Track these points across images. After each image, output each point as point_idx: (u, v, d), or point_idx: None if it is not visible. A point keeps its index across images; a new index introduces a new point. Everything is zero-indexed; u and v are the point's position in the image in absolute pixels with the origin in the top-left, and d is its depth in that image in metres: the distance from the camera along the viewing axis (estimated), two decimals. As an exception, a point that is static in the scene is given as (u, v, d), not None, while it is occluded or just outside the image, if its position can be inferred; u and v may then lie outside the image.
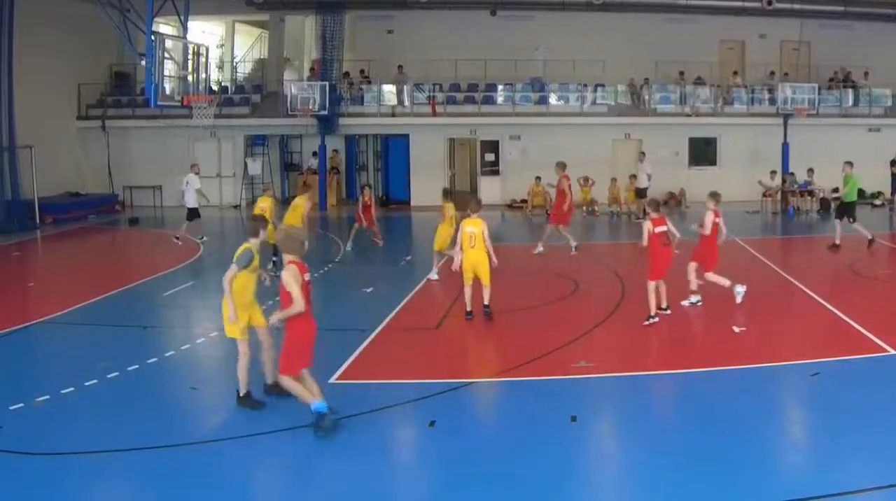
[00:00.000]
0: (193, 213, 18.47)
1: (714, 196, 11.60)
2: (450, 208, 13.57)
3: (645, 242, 10.48)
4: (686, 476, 6.07)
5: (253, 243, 7.85)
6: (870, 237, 16.37)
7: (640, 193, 22.20)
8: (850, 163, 16.87)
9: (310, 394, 6.97)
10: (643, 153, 23.89)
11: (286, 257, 7.17)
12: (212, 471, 6.38)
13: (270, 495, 5.94)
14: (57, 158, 24.35)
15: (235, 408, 7.78)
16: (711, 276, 11.32)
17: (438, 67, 26.30)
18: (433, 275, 13.78)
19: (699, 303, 11.36)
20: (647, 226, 10.54)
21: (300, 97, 24.81)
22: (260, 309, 7.95)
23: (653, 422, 7.17)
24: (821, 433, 6.99)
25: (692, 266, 11.37)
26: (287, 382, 7.03)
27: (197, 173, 18.93)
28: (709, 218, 11.23)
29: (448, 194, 14.58)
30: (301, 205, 15.25)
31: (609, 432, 7.33)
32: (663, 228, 10.60)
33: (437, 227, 13.75)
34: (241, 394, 7.68)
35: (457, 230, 11.63)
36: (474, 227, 10.71)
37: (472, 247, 10.66)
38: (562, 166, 16.46)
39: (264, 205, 14.70)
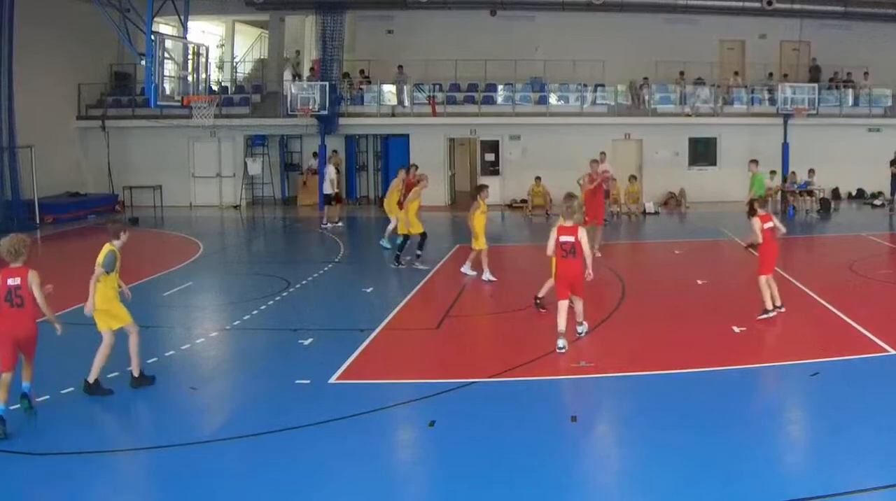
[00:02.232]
0: (329, 199, 21.97)
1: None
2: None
3: (760, 239, 10.64)
4: (686, 476, 6.07)
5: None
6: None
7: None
8: (755, 162, 16.99)
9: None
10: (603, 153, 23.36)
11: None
12: (212, 471, 6.38)
13: (270, 495, 5.93)
14: (57, 158, 24.34)
15: (235, 408, 7.79)
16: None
17: (438, 67, 26.31)
18: (488, 276, 13.35)
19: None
20: (757, 223, 10.68)
21: (300, 97, 24.83)
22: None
23: (653, 422, 7.16)
24: (821, 433, 6.99)
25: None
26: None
27: (335, 164, 22.80)
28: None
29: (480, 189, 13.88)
30: (416, 200, 14.97)
31: (609, 432, 7.34)
32: (770, 224, 10.75)
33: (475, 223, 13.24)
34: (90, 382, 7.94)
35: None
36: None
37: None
38: (598, 160, 16.14)
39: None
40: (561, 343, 9.07)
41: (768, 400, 7.80)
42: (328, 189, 21.99)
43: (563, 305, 9.14)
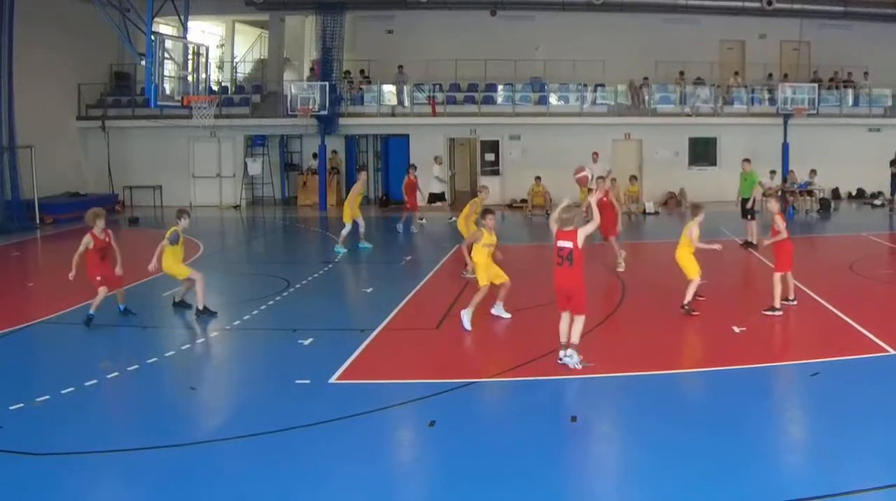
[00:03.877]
0: (434, 197, 23.26)
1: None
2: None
3: (785, 234, 10.80)
4: (686, 476, 6.06)
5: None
6: (751, 240, 16.39)
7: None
8: (747, 161, 17.01)
9: None
10: (596, 153, 23.37)
11: None
12: (212, 471, 6.38)
13: (270, 495, 5.93)
14: (57, 158, 24.35)
15: (235, 408, 7.79)
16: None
17: (438, 67, 26.32)
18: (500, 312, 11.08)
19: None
20: (780, 221, 10.86)
21: (300, 97, 24.84)
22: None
23: (653, 422, 7.16)
24: (821, 433, 6.98)
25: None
26: None
27: (439, 164, 24.19)
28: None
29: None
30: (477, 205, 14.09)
31: (609, 432, 7.33)
32: (784, 224, 10.93)
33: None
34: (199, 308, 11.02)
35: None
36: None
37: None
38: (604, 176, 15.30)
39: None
40: (561, 353, 8.65)
41: (768, 400, 7.79)
42: (436, 187, 22.89)
43: (563, 316, 8.61)
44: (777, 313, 10.64)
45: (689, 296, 10.93)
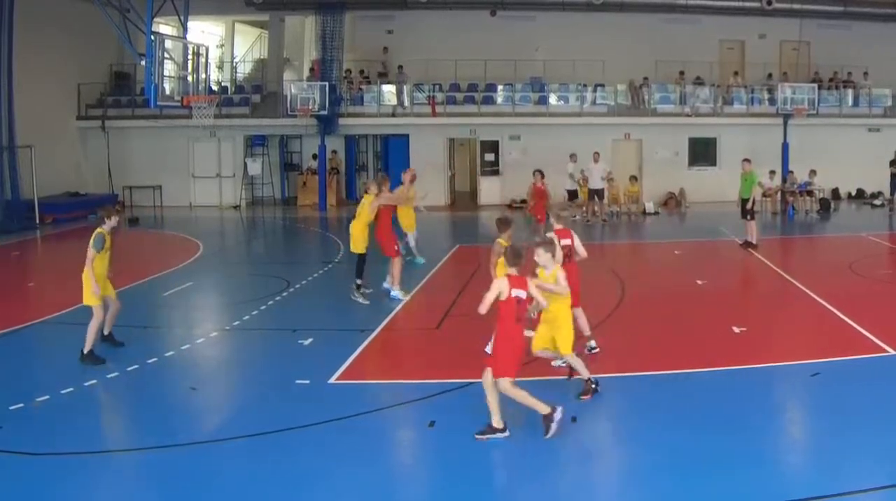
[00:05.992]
0: (571, 194, 22.55)
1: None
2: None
3: None
4: (686, 476, 6.07)
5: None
6: (751, 241, 16.45)
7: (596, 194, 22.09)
8: (748, 160, 17.03)
9: None
10: (597, 153, 22.76)
11: None
12: (212, 471, 6.38)
13: (270, 495, 5.93)
14: (57, 158, 24.34)
15: (235, 408, 7.79)
16: None
17: (438, 67, 26.32)
18: None
19: None
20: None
21: (300, 97, 24.83)
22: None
23: (653, 422, 7.16)
24: (821, 433, 6.99)
25: None
26: None
27: (574, 161, 22.42)
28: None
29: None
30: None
31: (609, 432, 7.34)
32: None
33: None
34: (84, 352, 8.90)
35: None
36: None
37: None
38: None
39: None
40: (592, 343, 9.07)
41: (768, 401, 7.79)
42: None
43: (576, 314, 8.51)
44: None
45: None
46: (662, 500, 5.81)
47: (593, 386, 7.70)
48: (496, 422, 6.69)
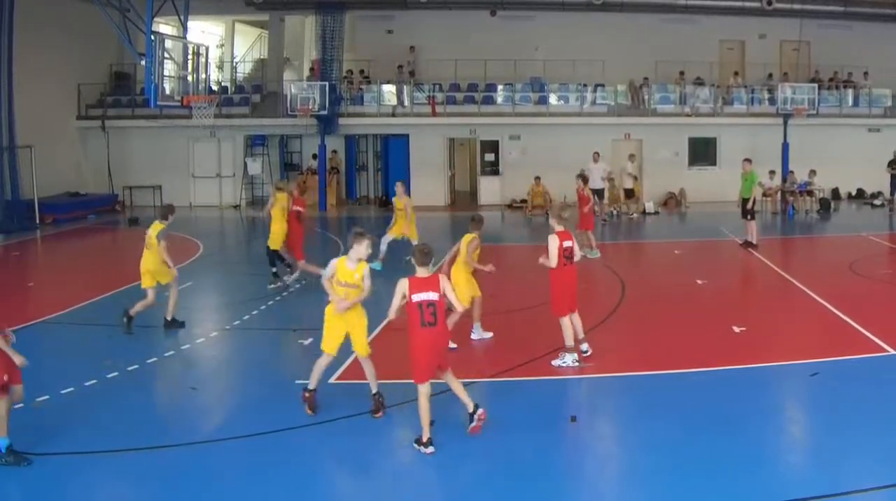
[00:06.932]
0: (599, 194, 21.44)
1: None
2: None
3: None
4: (686, 476, 6.07)
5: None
6: (751, 240, 16.48)
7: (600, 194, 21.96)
8: (748, 160, 17.05)
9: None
10: (597, 153, 22.63)
11: None
12: (212, 471, 6.38)
13: (270, 495, 5.93)
14: (57, 158, 24.33)
15: (235, 408, 7.78)
16: None
17: (438, 67, 26.31)
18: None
19: None
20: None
21: (300, 97, 24.83)
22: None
23: (652, 422, 7.16)
24: (820, 433, 6.99)
25: None
26: None
27: (596, 161, 21.91)
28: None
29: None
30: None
31: (609, 432, 7.34)
32: None
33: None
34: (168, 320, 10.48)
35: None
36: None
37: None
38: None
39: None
40: (584, 347, 8.98)
41: (768, 400, 7.79)
42: (598, 183, 21.15)
43: (572, 319, 8.83)
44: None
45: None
46: (662, 499, 5.81)
47: (381, 400, 7.55)
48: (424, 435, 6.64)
